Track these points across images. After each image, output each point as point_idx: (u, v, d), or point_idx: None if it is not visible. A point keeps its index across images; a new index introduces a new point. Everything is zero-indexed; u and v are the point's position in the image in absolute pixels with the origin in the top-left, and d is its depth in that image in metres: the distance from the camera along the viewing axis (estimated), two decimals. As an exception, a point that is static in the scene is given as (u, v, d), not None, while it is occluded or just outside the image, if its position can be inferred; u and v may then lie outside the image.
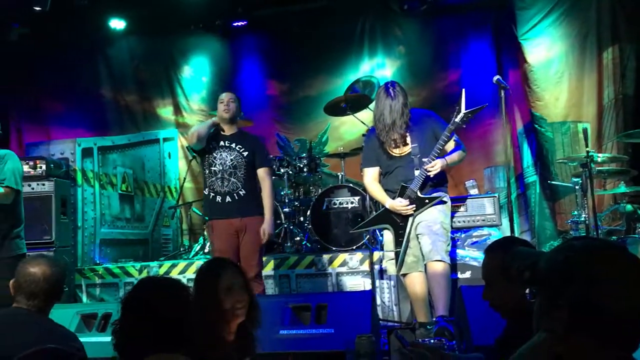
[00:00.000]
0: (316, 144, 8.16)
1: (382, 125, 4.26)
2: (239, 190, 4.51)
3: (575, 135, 6.69)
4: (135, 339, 1.86)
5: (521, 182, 7.21)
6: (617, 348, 1.25)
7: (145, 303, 1.90)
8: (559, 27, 6.88)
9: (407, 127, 4.27)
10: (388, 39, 8.20)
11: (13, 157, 4.18)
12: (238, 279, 2.49)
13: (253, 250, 4.49)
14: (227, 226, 4.48)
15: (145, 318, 1.86)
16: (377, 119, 4.30)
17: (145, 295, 1.94)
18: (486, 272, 2.28)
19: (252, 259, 4.47)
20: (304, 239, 6.21)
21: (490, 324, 2.59)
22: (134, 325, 1.88)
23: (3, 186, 4.00)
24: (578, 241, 1.33)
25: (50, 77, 8.27)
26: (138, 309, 1.90)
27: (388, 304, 5.25)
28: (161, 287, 1.99)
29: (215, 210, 4.52)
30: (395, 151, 4.33)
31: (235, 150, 4.56)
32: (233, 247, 4.47)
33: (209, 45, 8.78)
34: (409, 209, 4.17)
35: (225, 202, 4.49)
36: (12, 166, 4.08)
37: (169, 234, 8.14)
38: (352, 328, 3.30)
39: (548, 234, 6.73)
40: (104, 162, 7.10)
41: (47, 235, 5.75)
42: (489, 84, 4.66)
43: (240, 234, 4.48)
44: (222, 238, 4.50)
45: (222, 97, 4.64)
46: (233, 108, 4.60)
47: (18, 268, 2.71)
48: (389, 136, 4.25)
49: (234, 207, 4.48)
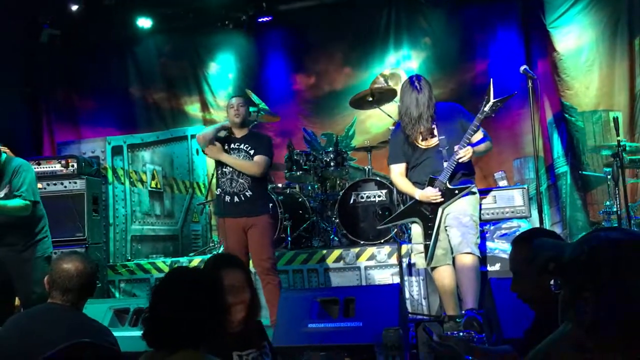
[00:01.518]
0: (343, 137, 8.15)
1: (408, 118, 4.25)
2: (245, 191, 4.61)
3: (606, 124, 6.58)
4: (163, 329, 1.85)
5: (552, 173, 7.10)
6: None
7: (177, 293, 1.89)
8: (589, 14, 6.75)
9: (433, 120, 4.25)
10: (413, 31, 8.13)
11: (28, 167, 4.21)
12: (239, 277, 2.48)
13: (261, 245, 4.60)
14: (235, 224, 4.62)
15: (176, 309, 1.85)
16: (404, 112, 4.29)
17: (177, 285, 1.94)
18: (514, 264, 2.26)
19: (262, 254, 4.58)
20: (331, 233, 6.22)
21: (519, 316, 2.57)
22: (163, 315, 1.86)
23: (23, 201, 4.05)
24: (603, 232, 1.31)
25: (80, 77, 8.43)
26: (169, 299, 1.89)
27: (417, 297, 5.23)
28: (194, 280, 1.98)
29: (225, 209, 4.65)
30: (423, 143, 4.31)
31: (243, 151, 4.68)
32: (242, 244, 4.60)
33: (235, 41, 8.83)
34: (440, 198, 4.15)
35: (233, 202, 4.61)
36: (28, 178, 4.12)
37: (198, 229, 8.23)
38: (380, 321, 3.30)
39: (580, 225, 6.62)
40: (134, 159, 7.20)
41: (80, 232, 5.87)
42: (517, 74, 4.60)
43: (247, 231, 4.60)
44: (231, 235, 4.64)
45: (232, 102, 4.79)
46: (243, 112, 4.75)
47: (52, 264, 2.78)
48: (415, 129, 4.24)
49: (241, 207, 4.61)
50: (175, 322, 1.84)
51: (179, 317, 1.84)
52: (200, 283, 1.96)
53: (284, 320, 3.75)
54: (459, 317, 3.99)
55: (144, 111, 8.63)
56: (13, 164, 4.15)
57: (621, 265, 1.22)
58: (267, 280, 4.55)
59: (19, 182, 4.07)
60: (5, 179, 4.09)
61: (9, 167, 4.13)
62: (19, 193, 4.06)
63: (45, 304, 2.71)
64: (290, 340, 3.56)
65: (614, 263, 1.23)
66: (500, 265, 4.80)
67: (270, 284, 4.53)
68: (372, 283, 5.40)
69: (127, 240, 6.87)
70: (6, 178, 4.09)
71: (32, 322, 2.60)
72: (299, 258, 5.66)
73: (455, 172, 4.19)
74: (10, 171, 4.11)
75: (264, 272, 4.57)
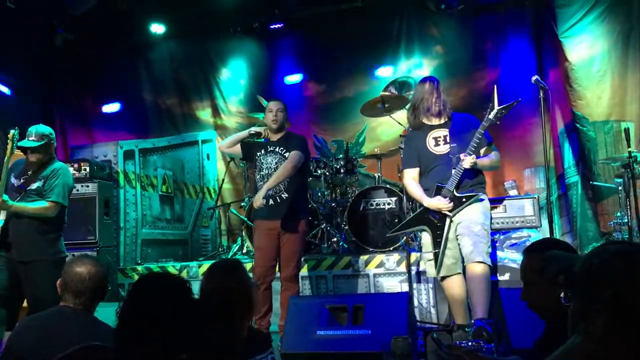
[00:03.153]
0: (353, 145, 8.17)
1: (422, 106, 4.37)
2: (282, 193, 4.60)
3: (618, 135, 6.54)
4: (131, 329, 1.87)
5: (562, 183, 7.07)
6: None
7: (143, 297, 1.91)
8: (601, 25, 6.74)
9: (448, 117, 4.36)
10: (425, 39, 8.14)
11: (66, 171, 4.39)
12: (240, 286, 2.49)
13: (292, 252, 4.59)
14: (269, 227, 4.60)
15: (143, 313, 1.87)
16: (419, 101, 4.40)
17: (145, 290, 1.96)
18: (524, 274, 2.27)
19: (291, 261, 4.58)
20: (340, 240, 6.23)
21: (528, 327, 2.56)
22: (132, 317, 1.89)
23: (48, 200, 4.20)
24: (613, 245, 1.31)
25: (93, 81, 8.50)
26: (138, 302, 1.91)
27: (426, 305, 5.22)
28: (161, 285, 1.98)
29: (260, 212, 4.62)
30: (436, 149, 4.33)
31: (279, 153, 4.67)
32: (273, 246, 4.59)
33: (247, 47, 8.88)
34: (449, 206, 4.15)
35: (268, 205, 4.58)
36: (62, 181, 4.29)
37: (208, 234, 8.27)
38: (388, 329, 3.30)
39: (591, 236, 6.58)
40: (145, 164, 7.26)
41: (91, 235, 5.92)
42: (528, 83, 4.60)
43: (281, 236, 4.58)
44: (263, 237, 4.63)
45: (271, 107, 4.77)
46: (281, 117, 4.73)
47: (65, 268, 2.80)
48: (430, 112, 4.34)
49: (276, 209, 4.58)
50: (140, 324, 1.85)
51: (143, 319, 1.85)
52: (169, 288, 1.96)
53: (292, 326, 3.76)
54: (468, 327, 3.98)
55: (156, 116, 8.67)
56: (55, 165, 4.34)
57: (631, 279, 1.23)
58: (287, 286, 4.57)
59: (53, 183, 4.24)
60: (42, 173, 4.26)
61: (50, 166, 4.31)
62: (50, 194, 4.20)
63: (57, 307, 2.74)
64: (299, 347, 3.57)
65: (624, 276, 1.23)
66: (510, 275, 4.79)
67: (288, 290, 4.54)
68: (380, 291, 5.39)
69: (137, 243, 6.92)
70: (44, 173, 4.27)
71: (44, 325, 2.63)
72: (308, 264, 5.67)
73: (464, 180, 4.19)
74: (49, 169, 4.29)
75: (286, 278, 4.58)
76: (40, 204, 4.19)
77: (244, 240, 6.73)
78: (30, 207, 4.17)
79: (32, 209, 4.17)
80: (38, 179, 4.25)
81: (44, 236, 4.21)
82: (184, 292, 1.96)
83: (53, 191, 4.22)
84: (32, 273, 4.11)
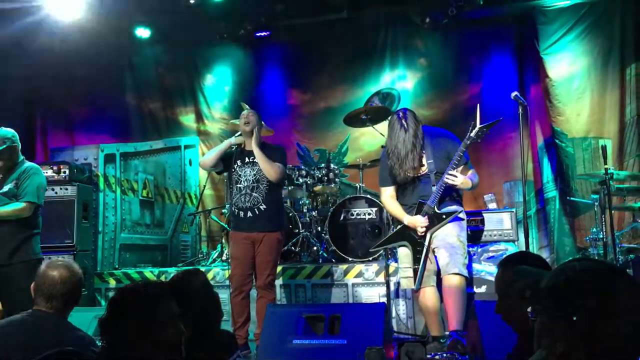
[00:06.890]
0: (335, 154, 8.20)
1: (395, 157, 4.21)
2: (260, 205, 4.61)
3: (596, 152, 6.65)
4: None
5: (541, 197, 7.16)
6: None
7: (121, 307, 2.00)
8: (582, 43, 6.86)
9: (420, 157, 4.22)
10: (410, 51, 8.22)
11: (38, 171, 4.38)
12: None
13: (266, 261, 4.61)
14: (245, 238, 4.62)
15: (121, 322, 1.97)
16: (391, 151, 4.25)
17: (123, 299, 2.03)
18: (499, 286, 2.29)
19: (265, 269, 4.60)
20: (320, 249, 6.23)
21: (503, 339, 2.58)
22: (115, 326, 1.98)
23: (23, 201, 4.21)
24: (579, 262, 1.34)
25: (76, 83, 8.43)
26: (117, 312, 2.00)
27: (403, 316, 5.24)
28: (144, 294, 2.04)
29: (237, 224, 4.67)
30: (411, 172, 4.29)
31: (257, 165, 4.64)
32: (248, 256, 4.60)
33: (232, 54, 8.88)
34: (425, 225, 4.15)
35: (246, 217, 4.60)
36: (35, 181, 4.29)
37: (188, 240, 8.22)
38: (364, 339, 3.32)
39: (567, 250, 6.67)
40: (126, 168, 7.21)
41: (69, 239, 5.85)
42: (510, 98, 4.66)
43: (256, 245, 4.60)
44: (239, 247, 4.64)
45: (243, 113, 4.81)
46: (253, 120, 4.70)
47: (38, 271, 2.78)
48: (403, 169, 4.19)
49: (254, 221, 4.60)
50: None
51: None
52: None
53: (269, 335, 3.76)
54: (443, 338, 4.00)
55: (139, 120, 8.60)
56: (25, 166, 4.34)
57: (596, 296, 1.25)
58: (263, 294, 4.57)
59: (26, 183, 4.24)
60: (12, 176, 4.26)
61: (21, 168, 4.31)
62: (23, 194, 4.20)
63: (29, 311, 2.71)
64: (275, 356, 3.57)
65: (589, 293, 1.26)
66: (487, 288, 4.83)
67: (264, 298, 4.54)
68: (359, 300, 5.40)
69: (115, 248, 6.85)
70: (14, 175, 4.26)
71: (15, 329, 2.60)
72: (287, 273, 5.67)
73: (443, 196, 4.20)
74: (19, 171, 4.29)
75: (262, 286, 4.59)
76: (15, 206, 4.19)
77: (224, 247, 6.71)
78: (4, 210, 4.17)
79: (7, 212, 4.17)
80: (8, 181, 4.24)
81: (19, 238, 4.19)
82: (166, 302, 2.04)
83: (26, 191, 4.22)
84: (8, 276, 4.08)
